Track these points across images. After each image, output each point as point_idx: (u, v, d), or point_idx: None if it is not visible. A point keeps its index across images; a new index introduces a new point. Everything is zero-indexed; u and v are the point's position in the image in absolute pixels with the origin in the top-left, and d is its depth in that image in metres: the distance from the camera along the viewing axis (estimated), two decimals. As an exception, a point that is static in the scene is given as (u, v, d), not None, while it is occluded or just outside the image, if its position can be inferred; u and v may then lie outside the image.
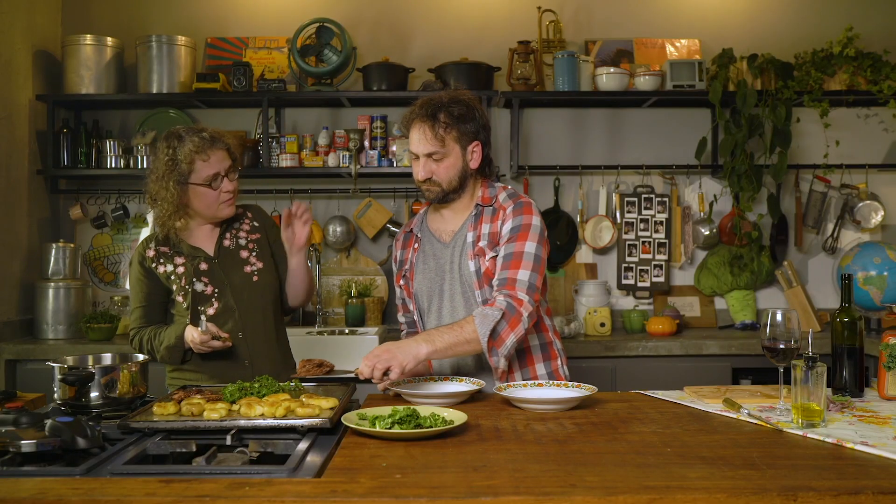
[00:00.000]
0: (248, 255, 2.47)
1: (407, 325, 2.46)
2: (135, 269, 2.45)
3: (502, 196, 2.27)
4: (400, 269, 2.40)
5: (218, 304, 2.39)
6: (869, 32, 4.04)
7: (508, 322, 2.06)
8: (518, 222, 2.18)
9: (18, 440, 1.47)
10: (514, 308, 2.07)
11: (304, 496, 1.29)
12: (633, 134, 4.19)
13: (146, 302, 2.44)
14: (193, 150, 2.32)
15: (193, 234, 2.46)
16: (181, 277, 2.40)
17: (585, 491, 1.30)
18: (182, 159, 2.32)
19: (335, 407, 1.77)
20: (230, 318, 2.40)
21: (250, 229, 2.52)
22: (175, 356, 2.35)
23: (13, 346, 3.51)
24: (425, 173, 2.21)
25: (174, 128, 2.40)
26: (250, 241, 2.49)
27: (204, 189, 2.35)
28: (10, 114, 3.67)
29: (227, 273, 2.42)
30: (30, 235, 3.85)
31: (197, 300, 2.38)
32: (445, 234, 2.31)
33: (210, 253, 2.44)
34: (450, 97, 2.22)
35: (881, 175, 4.18)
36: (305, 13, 4.03)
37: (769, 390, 2.12)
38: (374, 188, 4.14)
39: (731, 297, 4.08)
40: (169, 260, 2.42)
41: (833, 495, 1.28)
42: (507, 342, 2.06)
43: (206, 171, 2.33)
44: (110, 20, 4.15)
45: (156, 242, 2.44)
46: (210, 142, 2.35)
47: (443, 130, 2.18)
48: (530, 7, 4.10)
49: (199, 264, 2.42)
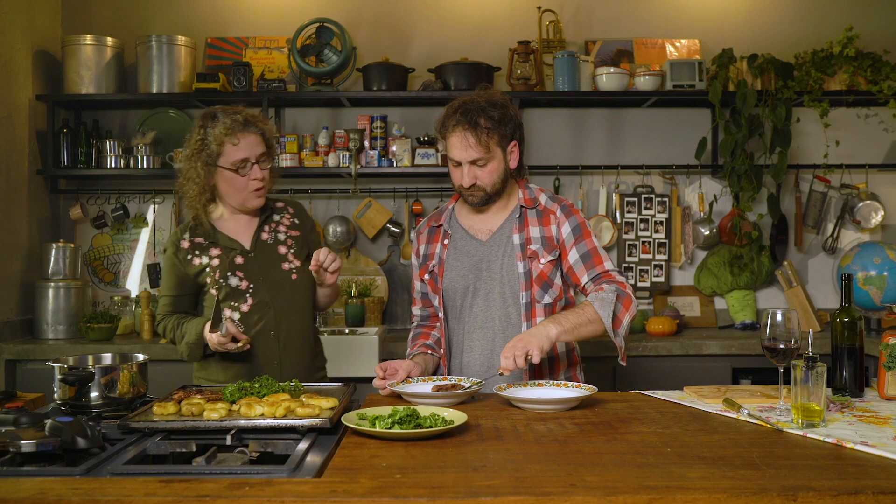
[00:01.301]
0: (286, 251, 2.39)
1: (421, 318, 2.46)
2: (168, 257, 2.39)
3: (543, 198, 2.31)
4: (425, 262, 2.37)
5: (252, 301, 2.33)
6: (869, 32, 4.04)
7: (623, 304, 2.16)
8: (575, 223, 2.26)
9: (18, 440, 1.47)
10: (623, 291, 2.18)
11: (304, 496, 1.29)
12: (633, 134, 4.19)
13: (176, 292, 2.39)
14: (224, 132, 2.25)
15: (229, 225, 2.39)
16: (216, 271, 2.33)
17: (585, 491, 1.30)
18: (212, 140, 2.26)
19: (335, 407, 1.77)
20: (264, 315, 2.33)
21: (290, 225, 2.44)
22: (195, 353, 2.30)
23: (13, 346, 3.51)
24: (470, 180, 2.20)
25: (212, 107, 2.33)
26: (289, 238, 2.41)
27: (231, 174, 2.27)
28: (10, 114, 3.67)
29: (263, 268, 2.35)
30: (30, 235, 3.85)
31: (231, 295, 2.32)
32: (482, 232, 2.31)
33: (247, 246, 2.36)
34: (486, 100, 2.20)
35: (881, 175, 4.18)
36: (305, 13, 4.04)
37: (769, 390, 2.12)
38: (373, 188, 4.14)
39: (731, 297, 4.09)
40: (204, 251, 2.35)
41: (833, 495, 1.28)
42: (625, 322, 2.15)
43: (235, 155, 2.26)
44: (110, 20, 4.15)
45: (191, 233, 2.37)
46: (242, 125, 2.27)
47: (486, 136, 2.16)
48: (530, 7, 4.10)
49: (235, 258, 2.34)
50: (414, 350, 2.39)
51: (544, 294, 2.24)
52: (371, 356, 3.44)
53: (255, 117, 2.33)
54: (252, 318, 2.33)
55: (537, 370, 2.26)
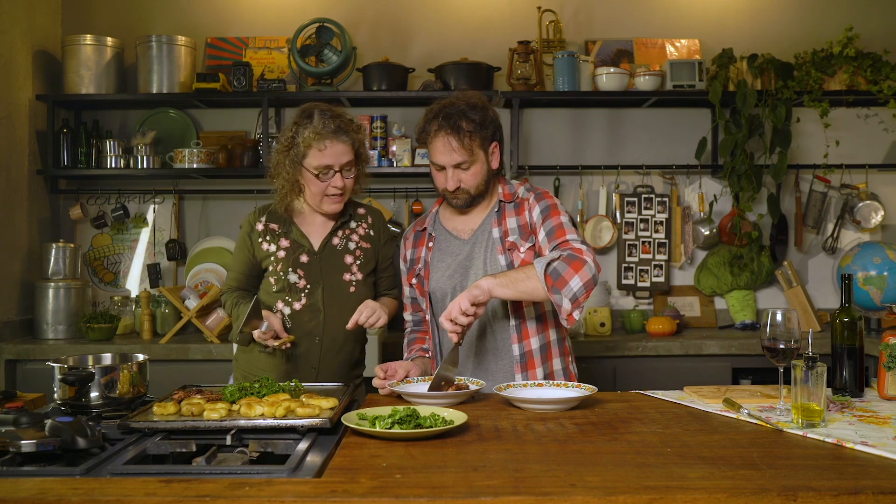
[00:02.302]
0: (352, 261, 2.39)
1: (413, 323, 2.47)
2: (242, 235, 2.42)
3: (521, 191, 2.32)
4: (412, 267, 2.39)
5: (306, 301, 2.34)
6: (869, 32, 4.04)
7: (570, 264, 2.05)
8: (545, 204, 2.24)
9: (18, 440, 1.47)
10: (574, 254, 2.08)
11: (304, 496, 1.29)
12: (633, 134, 4.19)
13: (243, 270, 2.42)
14: (312, 136, 2.25)
15: (307, 220, 2.41)
16: (279, 262, 2.35)
17: (585, 491, 1.30)
18: (300, 141, 2.27)
19: (335, 407, 1.77)
20: (314, 318, 2.34)
21: (364, 236, 2.44)
22: (245, 339, 2.32)
23: (13, 346, 3.51)
24: (454, 183, 2.21)
25: (312, 104, 2.34)
26: (359, 248, 2.41)
27: (312, 177, 2.28)
28: (10, 114, 3.67)
29: (324, 273, 2.36)
30: (30, 235, 3.85)
31: (287, 290, 2.34)
32: (464, 231, 2.32)
33: (315, 247, 2.38)
34: (465, 103, 2.20)
35: (881, 175, 4.18)
36: (305, 13, 4.03)
37: (769, 390, 2.12)
38: (373, 188, 4.14)
39: (731, 297, 4.08)
40: (275, 240, 2.37)
41: (833, 495, 1.28)
42: (572, 284, 2.03)
43: (320, 160, 2.26)
44: (110, 20, 4.15)
45: (268, 217, 2.40)
46: (333, 132, 2.26)
47: (469, 139, 2.18)
48: (530, 7, 4.10)
49: (301, 255, 2.36)
50: (411, 355, 2.39)
51: None
52: (371, 356, 3.44)
53: (349, 125, 2.32)
54: (302, 318, 2.34)
55: (529, 358, 2.25)
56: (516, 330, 2.25)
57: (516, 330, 2.25)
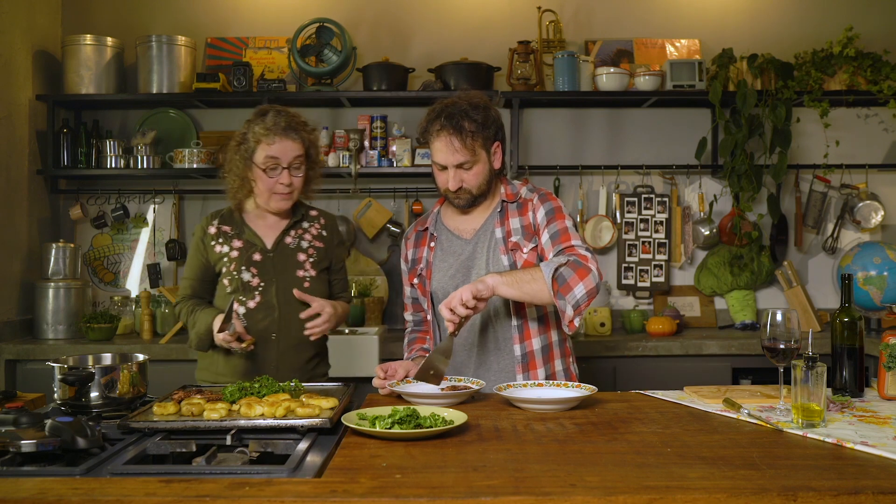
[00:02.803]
0: (305, 258, 2.41)
1: (414, 323, 2.47)
2: (195, 240, 2.44)
3: (524, 191, 2.32)
4: (413, 267, 2.39)
5: (260, 299, 2.36)
6: (869, 32, 4.04)
7: (575, 271, 2.06)
8: (549, 206, 2.24)
9: (18, 440, 1.47)
10: (580, 261, 2.09)
11: (304, 496, 1.29)
12: (633, 134, 4.19)
13: (196, 275, 2.43)
14: (262, 132, 2.30)
15: (259, 221, 2.43)
16: (232, 262, 2.37)
17: (585, 491, 1.30)
18: (251, 137, 2.32)
19: (335, 407, 1.77)
20: (268, 316, 2.36)
21: (316, 236, 2.47)
22: (202, 344, 2.34)
23: (13, 346, 3.51)
24: (456, 183, 2.21)
25: (267, 105, 2.40)
26: (312, 247, 2.44)
27: (261, 173, 2.32)
28: (10, 114, 3.67)
29: (277, 270, 2.38)
30: (30, 235, 3.85)
31: (241, 289, 2.35)
32: (466, 231, 2.32)
33: (268, 245, 2.40)
34: (468, 102, 2.21)
35: (881, 175, 4.18)
36: (305, 13, 4.03)
37: (769, 390, 2.12)
38: (373, 188, 4.14)
39: (731, 297, 4.08)
40: (228, 241, 2.39)
41: (833, 495, 1.28)
42: (576, 292, 2.05)
43: (267, 154, 2.30)
44: (110, 20, 4.15)
45: (220, 220, 2.43)
46: (283, 129, 2.31)
47: (471, 139, 2.18)
48: (530, 7, 4.10)
49: (254, 254, 2.38)
50: (412, 354, 2.40)
51: None
52: (371, 356, 3.44)
53: (300, 124, 2.37)
54: (256, 317, 2.35)
55: (530, 359, 2.25)
56: (518, 330, 2.25)
57: (518, 330, 2.25)
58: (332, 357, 2.60)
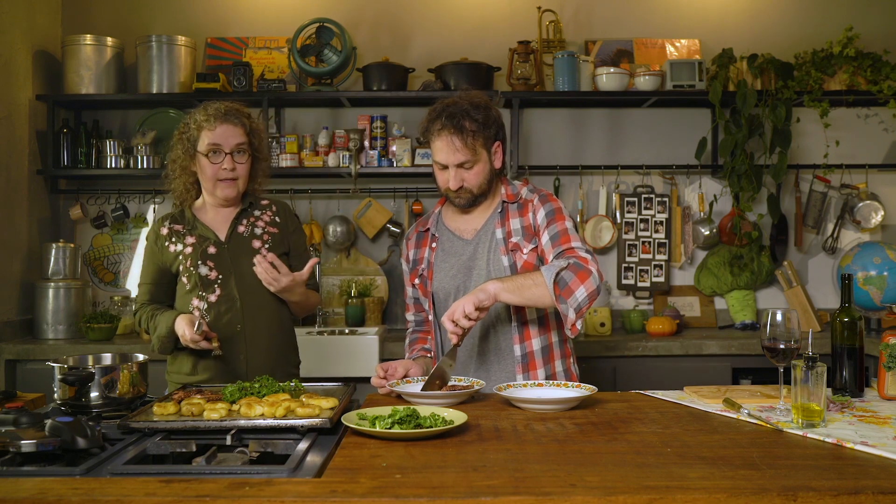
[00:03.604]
0: (260, 245, 2.40)
1: (415, 323, 2.47)
2: (148, 244, 2.43)
3: (524, 191, 2.32)
4: (415, 268, 2.39)
5: (221, 292, 2.34)
6: (869, 32, 4.04)
7: (576, 274, 2.07)
8: (550, 208, 2.24)
9: (18, 440, 1.47)
10: (580, 263, 2.09)
11: (304, 496, 1.29)
12: (633, 134, 4.19)
13: (153, 280, 2.42)
14: (202, 119, 2.32)
15: (209, 215, 2.42)
16: (188, 258, 2.36)
17: (585, 491, 1.30)
18: (192, 126, 2.34)
19: (335, 407, 1.77)
20: (231, 307, 2.34)
21: (270, 222, 2.46)
22: (165, 347, 2.32)
23: (13, 346, 3.51)
24: (457, 183, 2.21)
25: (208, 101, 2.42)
26: (266, 233, 2.43)
27: (204, 160, 2.33)
28: (10, 114, 3.67)
29: (234, 260, 2.37)
30: (30, 235, 3.85)
31: (200, 284, 2.34)
32: (467, 231, 2.32)
33: (221, 237, 2.39)
34: (469, 102, 2.21)
35: (881, 175, 4.18)
36: (305, 13, 4.04)
37: (769, 390, 2.12)
38: (373, 188, 4.14)
39: (731, 297, 4.08)
40: (180, 239, 2.38)
41: (833, 495, 1.28)
42: (577, 294, 2.05)
43: (209, 140, 2.31)
44: (110, 20, 4.15)
45: (171, 220, 2.43)
46: (223, 115, 2.33)
47: (472, 139, 2.18)
48: (530, 7, 4.10)
49: (208, 247, 2.37)
50: (413, 354, 2.40)
51: None
52: (371, 356, 3.44)
53: (239, 111, 2.38)
54: (219, 309, 2.34)
55: (530, 359, 2.25)
56: (518, 331, 2.25)
57: (518, 331, 2.25)
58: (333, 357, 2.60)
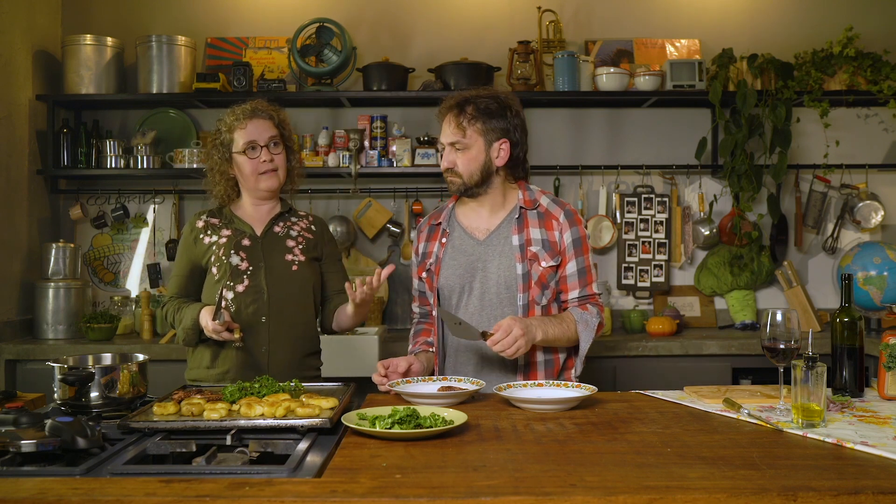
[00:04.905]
0: (293, 245, 2.45)
1: (420, 315, 2.47)
2: (185, 235, 2.48)
3: (545, 201, 2.33)
4: (423, 261, 2.39)
5: (249, 282, 2.37)
6: (869, 32, 4.04)
7: (595, 332, 2.28)
8: (577, 235, 2.30)
9: (18, 440, 1.47)
10: (601, 317, 2.29)
11: (304, 496, 1.29)
12: (633, 134, 4.19)
13: (185, 272, 2.46)
14: (233, 120, 2.39)
15: (248, 212, 2.48)
16: (220, 248, 2.39)
17: (585, 491, 1.30)
18: (224, 130, 2.40)
19: (335, 407, 1.77)
20: (258, 299, 2.37)
21: (305, 228, 2.51)
22: (190, 338, 2.35)
23: (13, 346, 3.51)
24: (447, 163, 2.27)
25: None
26: (301, 236, 2.48)
27: (242, 158, 2.38)
28: (10, 114, 3.67)
29: (266, 254, 2.41)
30: (30, 235, 3.85)
31: (230, 274, 2.37)
32: (479, 231, 2.32)
33: (257, 232, 2.44)
34: (487, 92, 2.28)
35: (881, 175, 4.18)
36: (305, 13, 4.03)
37: (769, 390, 2.12)
38: (373, 188, 4.14)
39: (731, 297, 4.08)
40: (216, 231, 2.43)
41: (833, 495, 1.28)
42: (585, 347, 2.27)
43: (245, 138, 2.37)
44: (110, 20, 4.15)
45: (208, 214, 2.48)
46: (251, 112, 2.40)
47: (466, 122, 2.22)
48: (530, 7, 4.10)
49: (242, 240, 2.41)
50: (416, 348, 2.40)
51: (542, 296, 2.25)
52: (371, 356, 3.44)
53: (265, 106, 2.45)
54: (245, 300, 2.36)
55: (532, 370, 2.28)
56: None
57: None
58: (333, 357, 2.60)
